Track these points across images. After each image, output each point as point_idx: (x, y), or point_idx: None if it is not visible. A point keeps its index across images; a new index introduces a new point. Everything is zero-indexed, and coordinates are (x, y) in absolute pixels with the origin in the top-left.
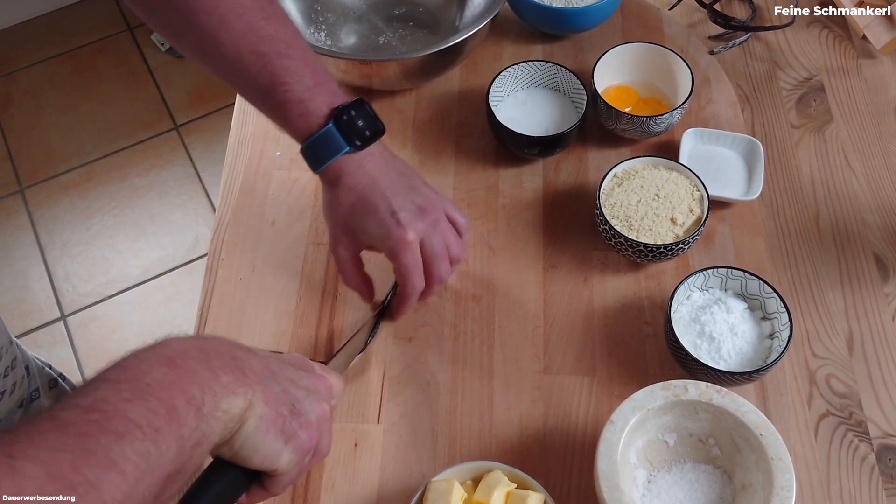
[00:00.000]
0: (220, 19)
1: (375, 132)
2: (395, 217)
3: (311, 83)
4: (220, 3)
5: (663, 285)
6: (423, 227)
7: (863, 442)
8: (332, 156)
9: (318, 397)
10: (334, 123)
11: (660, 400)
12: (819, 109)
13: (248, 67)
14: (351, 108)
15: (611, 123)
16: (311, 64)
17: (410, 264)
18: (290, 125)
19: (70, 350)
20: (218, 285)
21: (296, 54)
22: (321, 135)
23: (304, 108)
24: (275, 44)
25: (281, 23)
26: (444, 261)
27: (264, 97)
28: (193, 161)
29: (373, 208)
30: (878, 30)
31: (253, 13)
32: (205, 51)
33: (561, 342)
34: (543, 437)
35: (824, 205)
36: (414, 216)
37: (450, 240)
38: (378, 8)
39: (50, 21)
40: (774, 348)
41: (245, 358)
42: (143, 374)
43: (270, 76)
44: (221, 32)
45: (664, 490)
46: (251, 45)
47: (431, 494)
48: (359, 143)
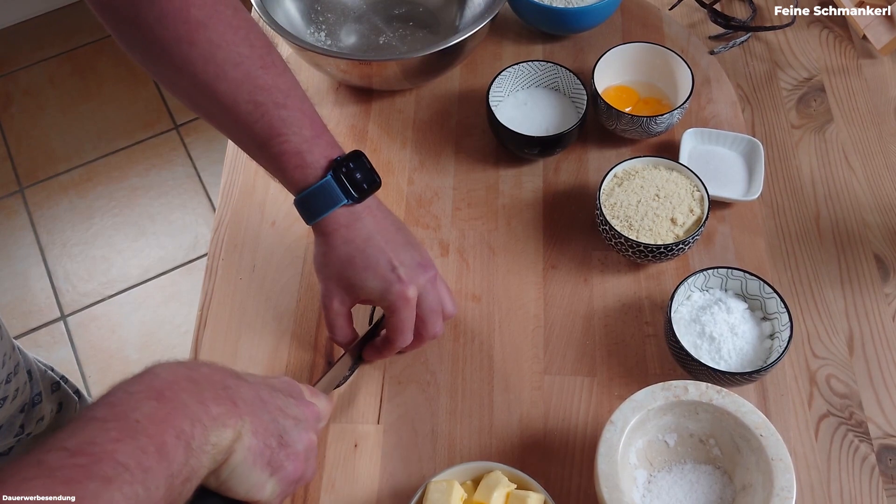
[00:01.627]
0: (217, 68)
1: (373, 185)
2: (395, 272)
3: (309, 134)
4: (218, 52)
5: (663, 285)
6: (423, 282)
7: (863, 442)
8: (329, 208)
9: (306, 426)
10: (332, 176)
11: (660, 400)
12: (819, 109)
13: (244, 117)
14: (349, 161)
15: (611, 123)
16: (310, 115)
17: (407, 320)
18: (286, 176)
19: (70, 350)
20: (218, 285)
21: (294, 104)
22: (318, 187)
23: (301, 159)
24: (272, 93)
25: (279, 72)
26: (439, 318)
27: (260, 147)
28: (193, 161)
29: (373, 262)
30: (879, 30)
31: (251, 62)
32: (200, 99)
33: (561, 342)
34: (543, 437)
35: (824, 205)
36: (414, 271)
37: (445, 296)
38: (378, 8)
39: (50, 21)
40: (775, 349)
41: (236, 386)
42: (131, 410)
43: (267, 127)
44: (218, 81)
45: (664, 490)
46: (248, 95)
47: (431, 495)
48: (356, 195)
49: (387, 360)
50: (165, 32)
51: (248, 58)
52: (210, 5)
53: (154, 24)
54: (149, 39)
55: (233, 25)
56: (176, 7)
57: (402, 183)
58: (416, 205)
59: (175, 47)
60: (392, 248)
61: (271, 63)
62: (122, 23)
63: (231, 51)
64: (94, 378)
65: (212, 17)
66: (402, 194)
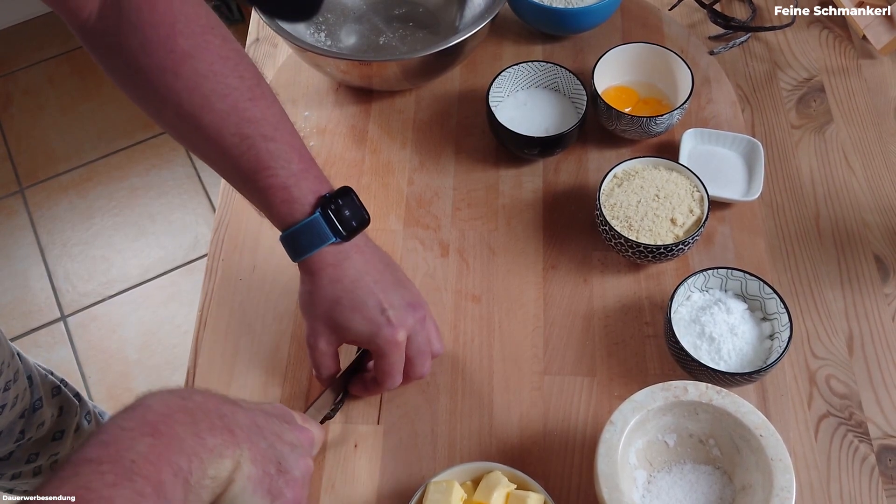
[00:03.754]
0: (202, 100)
1: (362, 222)
2: (385, 315)
3: (297, 168)
4: (204, 83)
5: (663, 286)
6: (412, 324)
7: (863, 442)
8: (317, 246)
9: (302, 452)
10: (321, 213)
11: (660, 401)
12: (819, 110)
13: (230, 150)
14: (338, 197)
15: (611, 124)
16: (298, 148)
17: (396, 364)
18: (272, 211)
19: (70, 350)
20: (218, 285)
21: (282, 137)
22: (306, 224)
23: (288, 194)
24: (261, 126)
25: (268, 104)
26: (428, 358)
27: (246, 181)
28: (193, 161)
29: (361, 304)
30: (878, 30)
31: (239, 93)
32: (184, 129)
33: (561, 342)
34: (543, 437)
35: (824, 205)
36: (404, 313)
37: (433, 336)
38: (378, 8)
39: (50, 21)
40: (774, 349)
41: (232, 414)
42: (126, 450)
43: (254, 160)
44: (203, 113)
45: (664, 491)
46: (235, 128)
47: (431, 495)
48: (345, 233)
49: None
50: (149, 61)
51: (237, 89)
52: (198, 34)
53: (138, 52)
54: (132, 68)
55: (221, 56)
56: (162, 36)
57: (402, 183)
58: (416, 205)
59: (159, 77)
60: (381, 289)
61: (260, 95)
62: (105, 49)
63: (218, 82)
64: (94, 378)
65: (199, 47)
66: (402, 194)
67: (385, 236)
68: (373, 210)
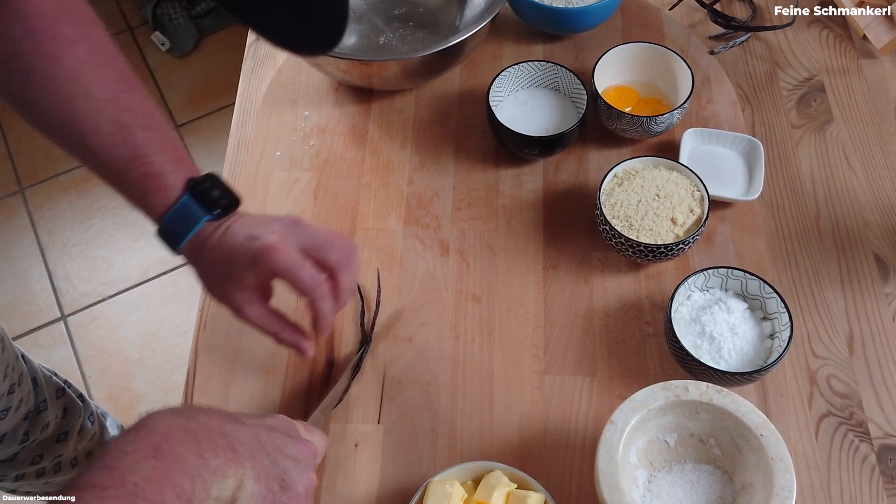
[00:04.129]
0: (81, 87)
1: (233, 201)
2: (251, 238)
3: (171, 157)
4: (85, 70)
5: (663, 285)
6: (285, 230)
7: (863, 442)
8: (192, 227)
9: (305, 466)
10: (190, 194)
11: (660, 400)
12: (819, 109)
13: (106, 139)
14: (205, 180)
15: (611, 123)
16: (172, 139)
17: (288, 262)
18: (147, 201)
19: (70, 350)
20: None
21: (157, 127)
22: (178, 207)
23: (162, 182)
24: (138, 115)
25: (142, 96)
26: (331, 246)
27: (121, 171)
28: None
29: (237, 245)
30: (879, 30)
31: (116, 83)
32: (57, 120)
33: (561, 342)
34: (544, 437)
35: (824, 205)
36: (272, 226)
37: (319, 230)
38: (378, 8)
39: None
40: (775, 348)
41: (234, 432)
42: (129, 473)
43: (131, 148)
44: (81, 100)
45: (665, 490)
46: (113, 116)
47: (431, 495)
48: (217, 211)
49: (387, 361)
50: (32, 48)
51: (114, 79)
52: (80, 24)
53: (21, 39)
54: (10, 53)
55: (100, 46)
56: (47, 24)
57: (402, 183)
58: (416, 205)
59: (39, 63)
60: (253, 227)
61: (134, 87)
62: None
63: (97, 71)
64: (94, 378)
65: (82, 36)
66: (402, 194)
67: (385, 236)
68: (373, 210)
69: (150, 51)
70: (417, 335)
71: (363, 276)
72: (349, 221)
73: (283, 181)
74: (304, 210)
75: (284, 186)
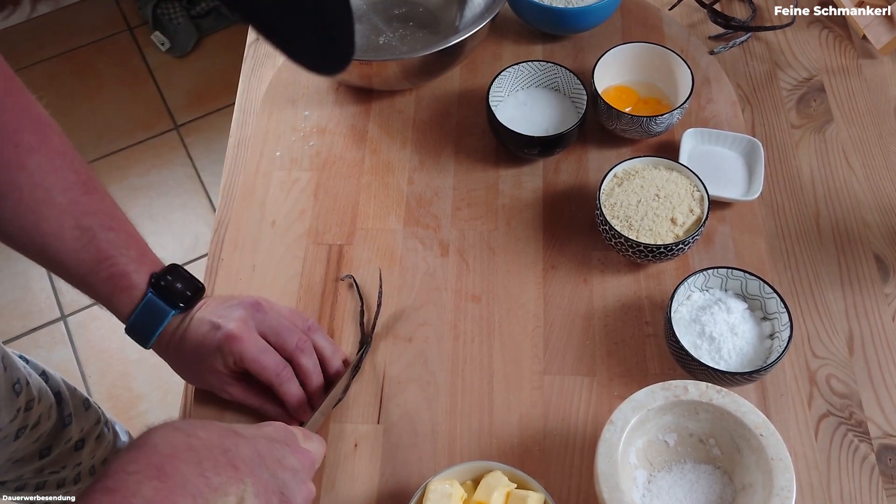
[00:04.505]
0: (44, 193)
1: (196, 291)
2: (214, 327)
3: (135, 254)
4: (47, 177)
5: (663, 285)
6: (244, 314)
7: (863, 442)
8: (160, 323)
9: (304, 476)
10: (153, 291)
11: (660, 400)
12: (819, 109)
13: (70, 243)
14: (167, 274)
15: (611, 123)
16: (134, 235)
17: (252, 352)
18: (114, 302)
19: (70, 350)
20: (218, 285)
21: (119, 227)
22: (144, 305)
23: (129, 281)
24: (100, 217)
25: (102, 196)
26: (289, 331)
27: (88, 273)
28: (193, 161)
29: (201, 336)
30: (879, 30)
31: (77, 188)
32: (19, 227)
33: (561, 342)
34: (543, 437)
35: (824, 205)
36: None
37: (283, 313)
38: (378, 8)
39: (50, 21)
40: (775, 348)
41: (235, 447)
42: (132, 495)
43: (95, 251)
44: (44, 206)
45: (664, 490)
46: (76, 220)
47: (431, 495)
48: (182, 304)
49: (387, 361)
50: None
51: (75, 183)
52: (41, 130)
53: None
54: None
55: (60, 151)
56: (9, 132)
57: (402, 183)
58: (416, 205)
59: (3, 171)
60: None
61: (94, 188)
62: None
63: (59, 176)
64: (94, 378)
65: (42, 142)
66: (402, 194)
67: (385, 236)
68: (373, 210)
69: (150, 51)
70: (417, 335)
71: (364, 276)
72: (349, 221)
73: (283, 181)
74: (304, 210)
75: (284, 186)
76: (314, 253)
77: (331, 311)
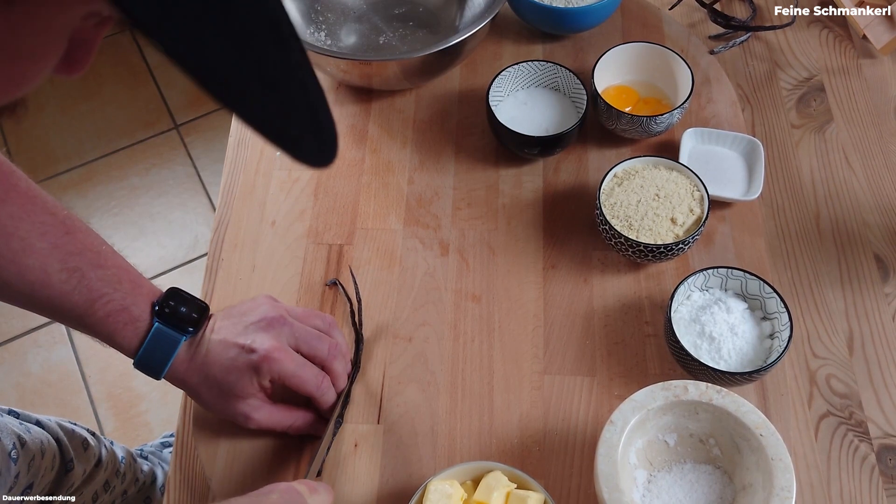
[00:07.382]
0: (21, 242)
1: (201, 312)
2: (243, 349)
3: (129, 287)
4: (20, 226)
5: (663, 285)
6: (275, 333)
7: (863, 442)
8: (172, 352)
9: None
10: (159, 321)
11: (660, 400)
12: (819, 109)
13: (59, 287)
14: (168, 300)
15: (611, 123)
16: (124, 266)
17: (291, 369)
18: (117, 338)
19: (70, 350)
20: (218, 285)
21: (107, 262)
22: (152, 337)
23: (129, 315)
24: (87, 256)
25: (85, 232)
26: (318, 339)
27: (83, 315)
28: (193, 161)
29: (229, 362)
30: (879, 30)
31: (56, 229)
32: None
33: (561, 342)
34: (543, 437)
35: (824, 205)
36: (260, 335)
37: (302, 318)
38: (378, 8)
39: None
40: (775, 348)
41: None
42: None
43: (87, 291)
44: (25, 256)
45: (664, 490)
46: (60, 263)
47: (431, 495)
48: (191, 329)
49: (386, 361)
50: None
51: (52, 225)
52: (6, 178)
53: None
54: None
55: (29, 196)
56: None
57: (402, 183)
58: (416, 205)
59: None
60: (235, 335)
61: (74, 227)
62: None
63: (33, 222)
64: (94, 378)
65: (10, 189)
66: (402, 194)
67: (385, 236)
68: (373, 209)
69: (150, 51)
70: (417, 335)
71: (365, 276)
72: (349, 221)
73: (283, 181)
74: (304, 210)
75: (284, 186)
76: (314, 253)
77: (330, 311)
